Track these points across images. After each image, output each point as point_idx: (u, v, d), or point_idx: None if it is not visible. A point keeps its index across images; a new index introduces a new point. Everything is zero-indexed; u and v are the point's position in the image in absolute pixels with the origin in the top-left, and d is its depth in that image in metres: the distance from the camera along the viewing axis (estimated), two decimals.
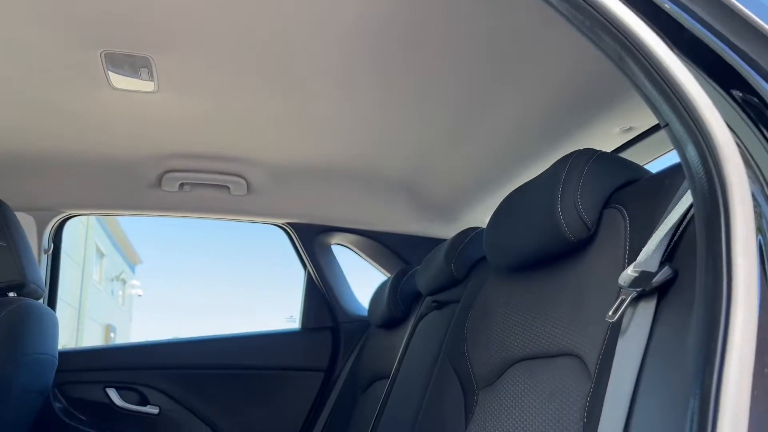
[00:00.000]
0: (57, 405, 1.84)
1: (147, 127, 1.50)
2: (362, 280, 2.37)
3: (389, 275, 1.99)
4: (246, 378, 2.03)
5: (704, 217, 0.54)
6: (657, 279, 0.60)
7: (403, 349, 1.54)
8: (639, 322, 0.62)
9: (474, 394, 1.03)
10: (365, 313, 2.19)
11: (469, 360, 1.07)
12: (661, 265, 0.62)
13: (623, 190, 0.84)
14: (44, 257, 1.87)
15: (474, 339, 1.09)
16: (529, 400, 0.86)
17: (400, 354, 1.54)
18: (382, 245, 2.18)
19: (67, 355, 1.86)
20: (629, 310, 0.64)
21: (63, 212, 1.88)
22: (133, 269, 19.86)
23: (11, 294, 1.41)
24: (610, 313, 0.64)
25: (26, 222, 1.78)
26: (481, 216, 1.89)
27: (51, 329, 1.50)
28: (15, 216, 1.49)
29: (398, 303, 1.68)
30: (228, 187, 1.78)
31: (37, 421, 1.77)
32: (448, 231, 1.71)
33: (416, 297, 1.69)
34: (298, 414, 2.05)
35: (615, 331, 0.68)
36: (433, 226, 2.08)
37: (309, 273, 2.16)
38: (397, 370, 1.52)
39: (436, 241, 1.59)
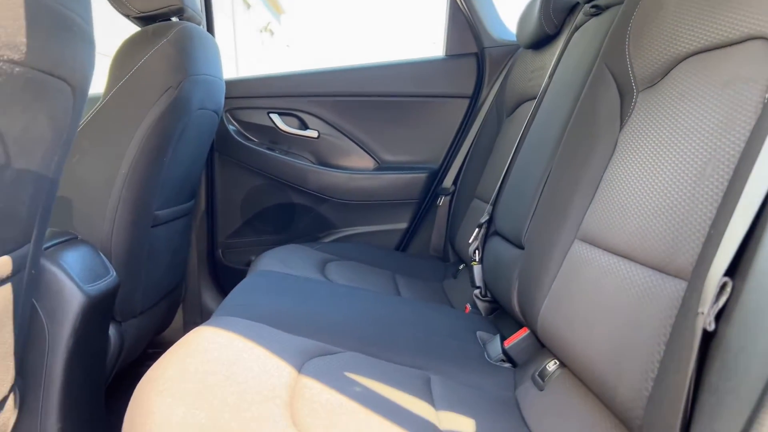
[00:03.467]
0: (231, 127, 2.07)
1: None
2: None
3: None
4: (393, 105, 2.10)
5: None
6: None
7: (554, 65, 1.45)
8: None
9: (632, 97, 0.96)
10: (512, 37, 2.08)
11: (630, 61, 0.98)
12: None
13: None
14: None
15: (638, 38, 0.98)
16: (698, 93, 0.79)
17: (551, 70, 1.46)
18: None
19: (231, 83, 2.02)
20: None
21: None
22: (278, 19, 20.25)
23: (174, 18, 1.49)
24: None
25: None
26: None
27: (215, 53, 1.61)
28: None
29: (550, 16, 1.54)
30: None
31: (217, 140, 2.02)
32: None
33: (571, 10, 1.53)
34: (443, 139, 2.13)
35: None
36: None
37: None
38: (546, 86, 1.46)
39: None
